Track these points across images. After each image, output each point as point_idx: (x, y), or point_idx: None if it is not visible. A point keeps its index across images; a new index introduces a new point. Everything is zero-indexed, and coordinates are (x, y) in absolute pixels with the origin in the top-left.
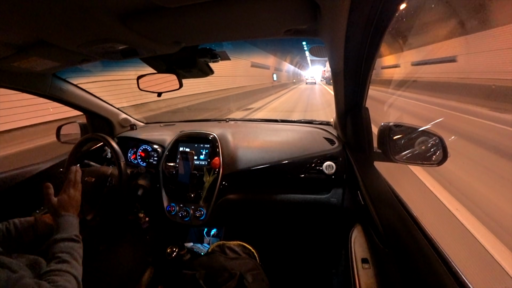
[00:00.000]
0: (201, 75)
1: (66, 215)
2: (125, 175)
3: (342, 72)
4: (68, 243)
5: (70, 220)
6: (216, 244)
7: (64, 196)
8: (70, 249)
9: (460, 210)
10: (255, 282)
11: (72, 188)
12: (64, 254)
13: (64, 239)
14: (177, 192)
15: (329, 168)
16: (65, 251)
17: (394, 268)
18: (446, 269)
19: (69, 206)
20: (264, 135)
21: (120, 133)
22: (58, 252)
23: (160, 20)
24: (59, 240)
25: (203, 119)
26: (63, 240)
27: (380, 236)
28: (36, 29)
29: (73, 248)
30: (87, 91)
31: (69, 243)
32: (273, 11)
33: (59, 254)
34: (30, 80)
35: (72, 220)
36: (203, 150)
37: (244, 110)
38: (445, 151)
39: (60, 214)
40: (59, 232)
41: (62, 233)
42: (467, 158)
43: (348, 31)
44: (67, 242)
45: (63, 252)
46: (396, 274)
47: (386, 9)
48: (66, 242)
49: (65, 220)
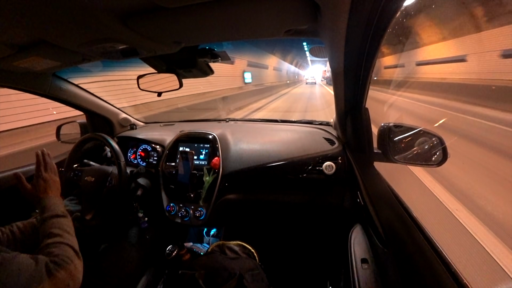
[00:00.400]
0: (201, 75)
1: (46, 197)
2: (125, 175)
3: (342, 73)
4: (56, 219)
5: (51, 201)
6: (216, 244)
7: (39, 181)
8: (59, 224)
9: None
10: (254, 282)
11: (44, 171)
12: (54, 229)
13: (51, 216)
14: (176, 192)
15: (329, 168)
16: (55, 227)
17: (393, 268)
18: (446, 269)
19: (47, 188)
20: (264, 135)
21: (120, 132)
22: (47, 229)
23: (160, 20)
24: (46, 219)
25: (203, 119)
26: (50, 218)
27: (379, 237)
28: (37, 29)
29: (61, 223)
30: (87, 91)
31: (56, 219)
32: (273, 11)
33: (48, 230)
34: (30, 80)
35: (54, 200)
36: (203, 150)
37: None
38: (445, 151)
39: (40, 197)
40: (43, 213)
41: (46, 212)
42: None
43: (348, 32)
44: (54, 219)
45: (52, 228)
46: (395, 274)
47: (386, 9)
48: (54, 218)
49: (46, 202)
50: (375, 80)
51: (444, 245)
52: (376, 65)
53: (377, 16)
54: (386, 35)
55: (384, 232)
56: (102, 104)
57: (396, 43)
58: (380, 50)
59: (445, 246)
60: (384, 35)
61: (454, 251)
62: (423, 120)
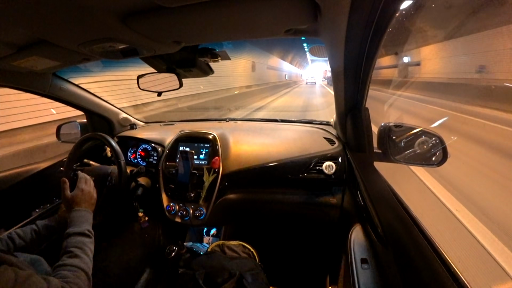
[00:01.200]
0: (201, 74)
1: (79, 209)
2: (125, 174)
3: (342, 72)
4: (80, 238)
5: (82, 215)
6: (216, 244)
7: (78, 192)
8: (82, 244)
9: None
10: (254, 282)
11: (84, 184)
12: (75, 249)
13: (76, 233)
14: (176, 192)
15: (329, 168)
16: (77, 246)
17: (393, 268)
18: (445, 270)
19: (82, 201)
20: (264, 134)
21: (120, 132)
22: (70, 247)
23: (161, 19)
24: (71, 234)
25: (203, 119)
26: (75, 235)
27: (379, 236)
28: (37, 28)
29: (84, 243)
30: (87, 90)
31: (81, 237)
32: (273, 11)
33: (70, 248)
34: (30, 79)
35: (85, 215)
36: (203, 149)
37: None
38: (445, 151)
39: (73, 208)
40: (71, 226)
41: (74, 227)
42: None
43: (348, 31)
44: (79, 237)
45: (74, 247)
46: (395, 275)
47: (386, 9)
48: (78, 236)
49: (78, 214)
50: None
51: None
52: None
53: (377, 16)
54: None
55: (384, 232)
56: (102, 103)
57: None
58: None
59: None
60: (384, 35)
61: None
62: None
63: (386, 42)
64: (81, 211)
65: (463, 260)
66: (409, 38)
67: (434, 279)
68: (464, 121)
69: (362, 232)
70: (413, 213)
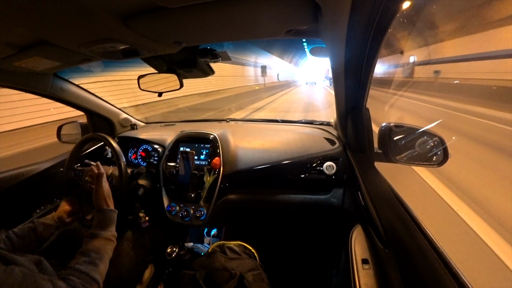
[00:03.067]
0: (201, 75)
1: (109, 210)
2: (126, 175)
3: (343, 73)
4: (104, 243)
5: (111, 216)
6: (216, 244)
7: (104, 190)
8: (103, 251)
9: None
10: (255, 282)
11: (105, 182)
12: (95, 254)
13: (104, 237)
14: (177, 192)
15: (330, 169)
16: (97, 251)
17: (394, 268)
18: (446, 270)
19: (107, 199)
20: (265, 135)
21: (120, 133)
22: (90, 250)
23: (161, 20)
24: (97, 236)
25: (203, 119)
26: (100, 238)
27: (380, 237)
28: (38, 29)
29: (106, 250)
30: (88, 91)
31: (105, 242)
32: (274, 12)
33: (90, 252)
34: (31, 80)
35: (112, 216)
36: (204, 150)
37: None
38: (445, 151)
39: (101, 208)
40: (99, 227)
41: (101, 229)
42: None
43: (349, 32)
44: (103, 241)
45: (95, 252)
46: (396, 275)
47: (387, 9)
48: (103, 241)
49: (108, 215)
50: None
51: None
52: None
53: (378, 16)
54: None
55: (384, 233)
56: (103, 104)
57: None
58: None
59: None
60: (385, 35)
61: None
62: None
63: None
64: (111, 212)
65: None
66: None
67: (435, 280)
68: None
69: (363, 232)
70: (414, 213)
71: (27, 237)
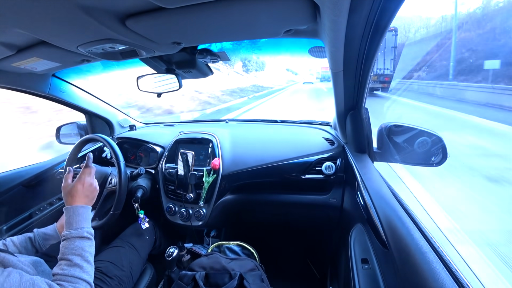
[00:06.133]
0: (200, 75)
1: (76, 206)
2: (125, 175)
3: (341, 73)
4: (79, 242)
5: (80, 212)
6: (216, 245)
7: (78, 185)
8: (81, 250)
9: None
10: (255, 283)
11: (88, 176)
12: (74, 257)
13: (75, 237)
14: (176, 193)
15: (329, 169)
16: (76, 253)
17: (394, 268)
18: (446, 269)
19: (82, 195)
20: (264, 135)
21: (119, 133)
22: (68, 254)
23: (160, 20)
24: (69, 238)
25: (202, 120)
26: (73, 239)
27: (380, 237)
28: (36, 30)
29: (84, 249)
30: (86, 92)
31: (80, 241)
32: (273, 12)
33: (69, 256)
34: (30, 81)
35: (83, 212)
36: (203, 151)
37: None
38: (444, 151)
39: (70, 204)
40: (68, 227)
41: (72, 228)
42: None
43: (347, 32)
44: (78, 241)
45: (73, 254)
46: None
47: (386, 10)
48: (77, 241)
49: (75, 212)
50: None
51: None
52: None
53: (377, 16)
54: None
55: (384, 232)
56: (102, 105)
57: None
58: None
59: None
60: (384, 35)
61: None
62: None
63: None
64: (79, 208)
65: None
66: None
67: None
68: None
69: (363, 232)
70: (413, 213)
71: (23, 247)
